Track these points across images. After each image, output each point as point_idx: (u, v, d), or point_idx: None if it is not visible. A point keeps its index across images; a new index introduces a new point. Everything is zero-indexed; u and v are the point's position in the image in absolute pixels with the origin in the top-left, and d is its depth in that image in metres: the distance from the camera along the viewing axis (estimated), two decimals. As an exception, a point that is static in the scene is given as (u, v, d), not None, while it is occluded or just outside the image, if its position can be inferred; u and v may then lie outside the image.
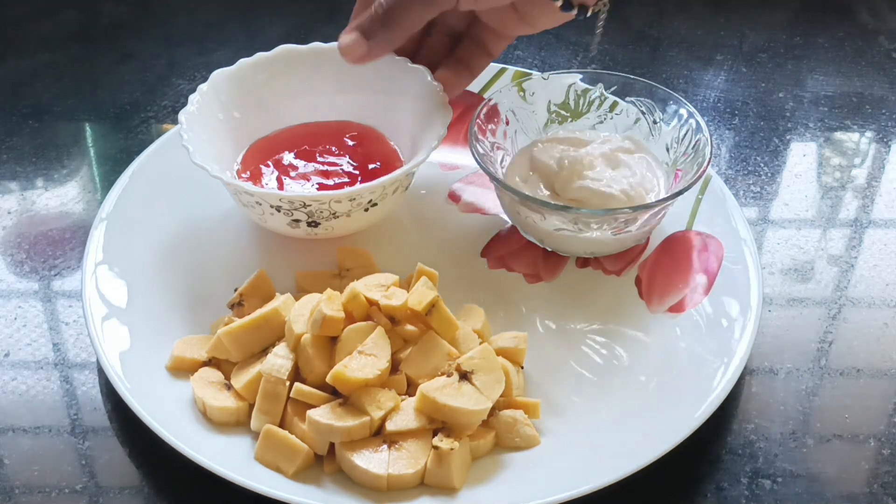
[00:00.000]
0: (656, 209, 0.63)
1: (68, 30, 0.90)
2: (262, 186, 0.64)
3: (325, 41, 0.69)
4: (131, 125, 0.80)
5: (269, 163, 0.66)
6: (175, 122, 0.77)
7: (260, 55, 0.68)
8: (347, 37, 0.58)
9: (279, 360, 0.55)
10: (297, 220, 0.61)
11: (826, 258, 0.70)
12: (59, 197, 0.74)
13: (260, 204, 0.61)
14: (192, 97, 0.65)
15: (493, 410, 0.55)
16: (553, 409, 0.58)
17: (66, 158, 0.77)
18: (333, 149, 0.67)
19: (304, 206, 0.60)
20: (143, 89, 0.83)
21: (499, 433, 0.55)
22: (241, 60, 0.67)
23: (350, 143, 0.68)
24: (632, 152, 0.67)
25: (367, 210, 0.62)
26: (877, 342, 0.64)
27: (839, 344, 0.64)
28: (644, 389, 0.58)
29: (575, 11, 0.57)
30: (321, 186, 0.65)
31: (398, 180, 0.62)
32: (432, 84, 0.64)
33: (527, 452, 0.55)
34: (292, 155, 0.67)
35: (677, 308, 0.63)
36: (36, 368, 0.62)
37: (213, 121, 0.65)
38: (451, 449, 0.52)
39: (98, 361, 0.59)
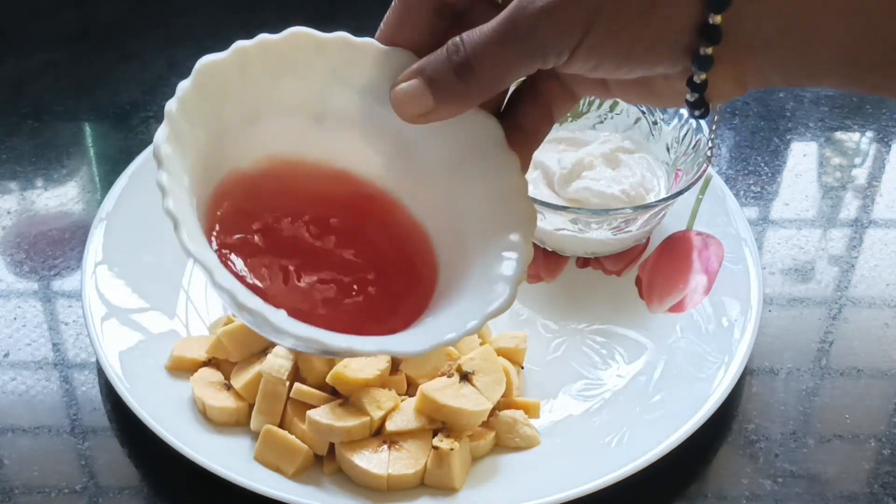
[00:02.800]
0: (656, 209, 0.63)
1: (68, 30, 0.90)
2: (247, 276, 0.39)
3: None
4: (131, 125, 0.80)
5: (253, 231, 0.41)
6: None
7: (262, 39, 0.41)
8: (406, 84, 0.39)
9: (279, 360, 0.55)
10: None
11: (826, 258, 0.70)
12: (59, 197, 0.74)
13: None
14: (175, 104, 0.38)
15: (493, 411, 0.55)
16: (553, 409, 0.58)
17: (65, 158, 0.77)
18: (323, 227, 0.41)
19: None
20: (143, 89, 0.83)
21: (499, 433, 0.55)
22: (243, 43, 0.40)
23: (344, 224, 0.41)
24: (632, 152, 0.67)
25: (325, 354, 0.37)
26: (877, 342, 0.64)
27: (840, 344, 0.64)
28: (644, 390, 0.58)
29: (699, 112, 0.38)
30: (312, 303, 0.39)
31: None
32: (505, 147, 0.40)
33: (527, 452, 0.55)
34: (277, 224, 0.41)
35: (677, 308, 0.63)
36: (36, 368, 0.61)
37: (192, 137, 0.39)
38: (451, 449, 0.52)
39: (98, 361, 0.59)
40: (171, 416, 0.55)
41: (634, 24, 0.35)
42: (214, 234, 0.40)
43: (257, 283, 0.39)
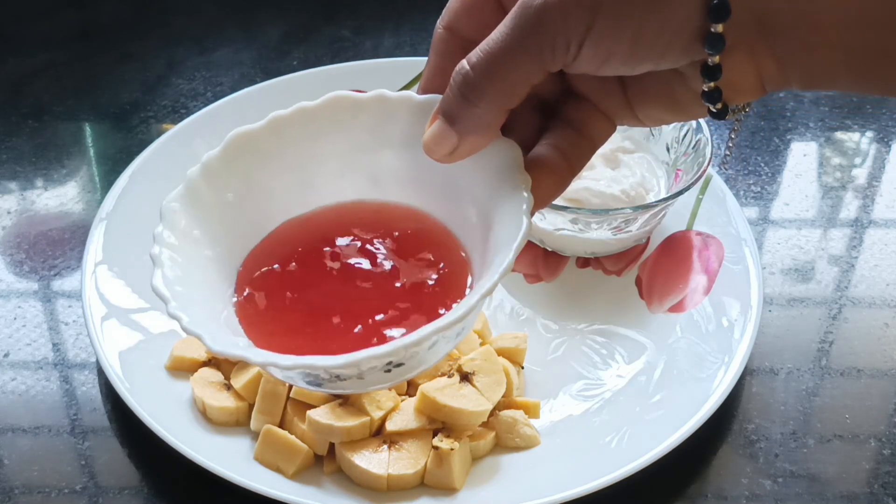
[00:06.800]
0: (656, 209, 0.62)
1: (68, 30, 0.90)
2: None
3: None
4: (131, 125, 0.80)
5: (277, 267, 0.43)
6: (175, 121, 0.77)
7: (278, 115, 0.43)
8: (430, 127, 0.39)
9: (279, 360, 0.55)
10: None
11: (826, 258, 0.70)
12: (59, 197, 0.74)
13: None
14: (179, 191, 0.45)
15: (494, 411, 0.55)
16: (553, 409, 0.58)
17: (65, 158, 0.77)
18: (372, 247, 0.43)
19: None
20: (143, 89, 0.83)
21: (499, 433, 0.55)
22: (271, 118, 0.43)
23: (391, 245, 0.43)
24: (632, 152, 0.67)
25: (387, 371, 0.40)
26: (877, 342, 0.64)
27: (839, 344, 0.64)
28: (644, 390, 0.58)
29: (717, 107, 0.38)
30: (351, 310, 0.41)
31: (439, 332, 0.37)
32: (520, 173, 0.40)
33: (527, 452, 0.55)
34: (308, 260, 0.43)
35: (678, 308, 0.63)
36: (36, 368, 0.61)
37: (208, 209, 0.45)
38: (451, 449, 0.52)
39: (98, 361, 0.59)
40: (171, 416, 0.55)
41: (641, 8, 0.35)
42: (269, 268, 0.43)
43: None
